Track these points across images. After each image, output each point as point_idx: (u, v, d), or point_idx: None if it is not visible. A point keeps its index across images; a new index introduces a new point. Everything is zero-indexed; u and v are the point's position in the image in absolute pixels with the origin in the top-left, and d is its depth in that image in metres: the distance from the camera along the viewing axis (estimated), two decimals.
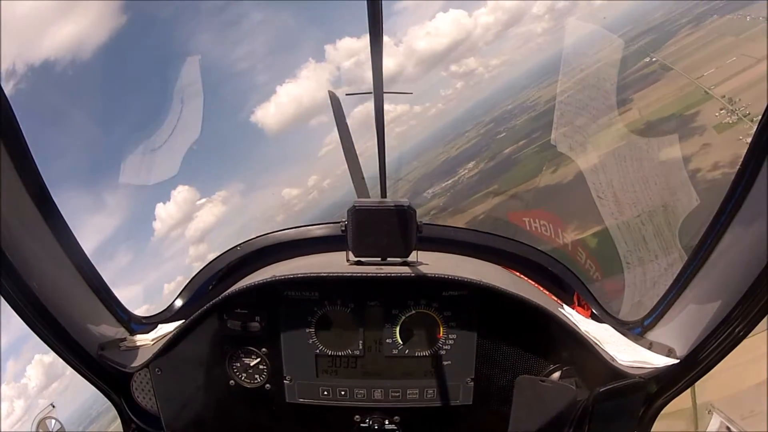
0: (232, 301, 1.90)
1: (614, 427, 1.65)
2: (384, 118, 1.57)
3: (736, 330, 1.48)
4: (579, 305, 2.21)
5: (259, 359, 1.98)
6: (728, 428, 1.80)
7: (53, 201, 1.71)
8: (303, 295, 1.92)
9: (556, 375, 1.82)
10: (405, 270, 1.85)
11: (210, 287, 2.42)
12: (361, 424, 2.00)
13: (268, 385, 2.00)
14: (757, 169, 1.41)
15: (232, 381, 2.01)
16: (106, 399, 2.03)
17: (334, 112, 3.01)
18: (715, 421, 1.84)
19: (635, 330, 1.98)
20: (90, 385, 1.95)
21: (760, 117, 1.37)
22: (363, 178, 2.60)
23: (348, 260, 1.91)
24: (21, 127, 1.51)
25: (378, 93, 1.44)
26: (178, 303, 2.39)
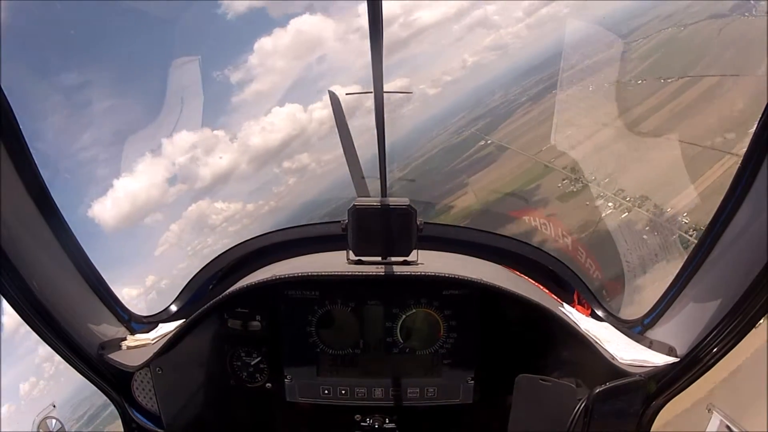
0: (233, 300, 1.90)
1: (614, 425, 1.65)
2: (384, 119, 1.57)
3: (736, 328, 1.48)
4: (579, 304, 2.21)
5: (259, 358, 1.98)
6: (728, 427, 1.80)
7: (53, 201, 1.71)
8: (303, 294, 1.92)
9: (556, 374, 1.82)
10: (405, 269, 1.86)
11: (210, 287, 2.42)
12: (362, 423, 2.00)
13: (268, 384, 2.01)
14: (756, 169, 1.41)
15: (232, 380, 2.01)
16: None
17: (333, 111, 3.01)
18: (714, 421, 1.84)
19: (635, 329, 1.98)
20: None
21: (760, 117, 1.37)
22: (363, 177, 2.60)
23: (348, 259, 1.91)
24: (21, 127, 1.51)
25: (378, 93, 1.44)
26: (179, 302, 2.39)
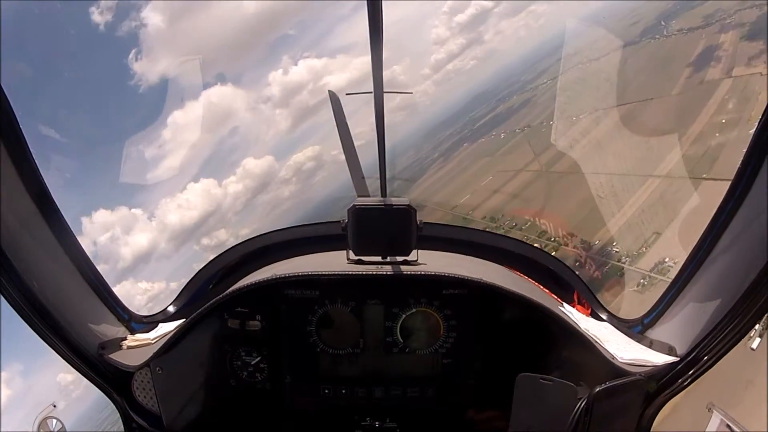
0: (233, 300, 1.90)
1: (614, 425, 1.64)
2: (384, 119, 1.57)
3: (737, 328, 1.48)
4: (579, 303, 2.21)
5: (259, 358, 1.98)
6: (729, 427, 1.79)
7: (53, 201, 1.71)
8: (303, 294, 1.92)
9: (557, 373, 1.82)
10: (405, 269, 1.86)
11: (210, 286, 2.42)
12: (362, 423, 2.00)
13: (268, 384, 2.01)
14: (757, 169, 1.41)
15: (232, 380, 2.01)
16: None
17: (333, 111, 3.01)
18: (715, 420, 1.84)
19: (635, 328, 1.98)
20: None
21: (760, 117, 1.37)
22: (363, 177, 2.60)
23: (348, 259, 1.92)
24: (21, 127, 1.51)
25: (378, 93, 1.44)
26: (179, 302, 2.39)
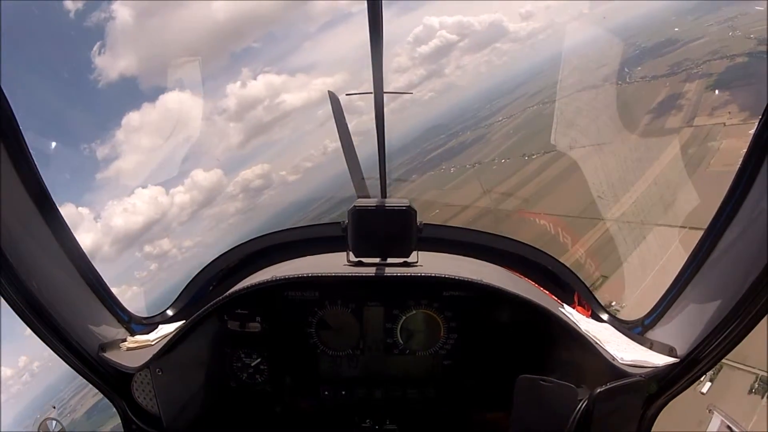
0: (233, 301, 1.90)
1: (615, 426, 1.64)
2: (384, 120, 1.57)
3: (737, 329, 1.48)
4: (579, 305, 2.21)
5: (259, 360, 1.98)
6: (729, 427, 1.80)
7: (53, 201, 1.71)
8: (303, 295, 1.92)
9: (557, 374, 1.82)
10: (405, 270, 1.85)
11: (210, 288, 2.42)
12: (362, 424, 2.00)
13: (268, 385, 2.00)
14: (757, 169, 1.41)
15: (232, 381, 2.00)
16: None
17: (333, 112, 3.00)
18: (715, 421, 1.84)
19: (635, 329, 1.98)
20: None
21: (760, 117, 1.37)
22: (363, 178, 2.60)
23: (348, 260, 1.91)
24: (21, 127, 1.51)
25: (378, 93, 1.44)
26: (179, 304, 2.38)
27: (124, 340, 2.03)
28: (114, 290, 2.03)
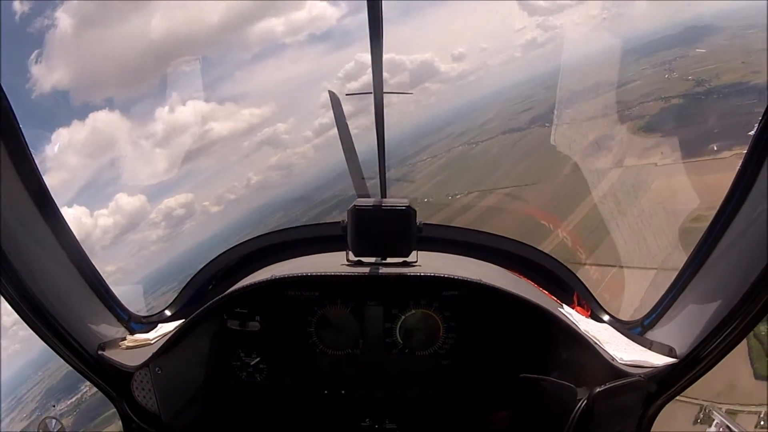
0: (232, 300, 1.90)
1: (614, 426, 1.64)
2: (384, 119, 1.58)
3: (737, 329, 1.48)
4: (579, 305, 2.21)
5: (259, 359, 1.98)
6: (728, 427, 1.80)
7: (53, 201, 1.71)
8: (303, 294, 1.92)
9: (556, 374, 1.82)
10: (405, 270, 1.85)
11: (210, 287, 2.42)
12: (361, 424, 2.00)
13: (268, 384, 2.00)
14: (757, 169, 1.41)
15: (232, 380, 2.01)
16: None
17: (333, 111, 3.01)
18: (715, 421, 1.84)
19: (635, 329, 1.98)
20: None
21: (760, 118, 1.37)
22: (363, 178, 2.60)
23: (348, 260, 1.91)
24: (21, 127, 1.51)
25: (378, 93, 1.44)
26: (179, 302, 2.39)
27: (124, 339, 2.04)
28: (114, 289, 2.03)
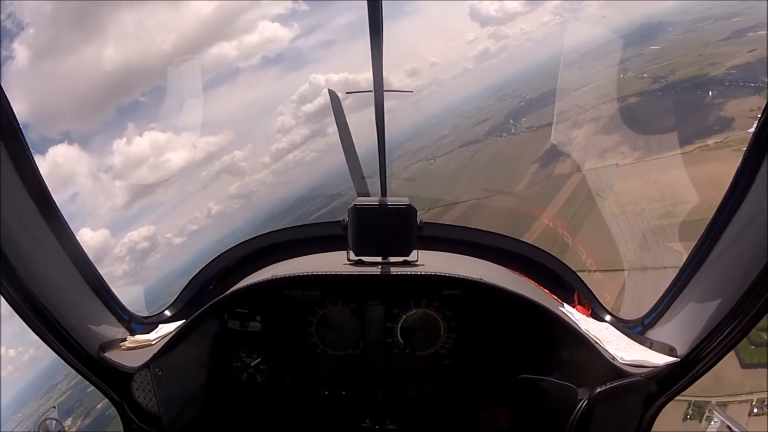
0: (233, 301, 1.90)
1: (615, 426, 1.64)
2: (384, 118, 1.57)
3: (737, 328, 1.48)
4: (579, 304, 2.21)
5: (259, 359, 1.98)
6: (729, 428, 1.80)
7: (53, 201, 1.71)
8: (303, 294, 1.92)
9: (557, 374, 1.82)
10: (405, 269, 1.85)
11: (210, 287, 2.42)
12: (362, 425, 2.00)
13: (268, 384, 2.00)
14: (756, 169, 1.41)
15: (232, 381, 2.00)
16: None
17: (333, 110, 3.00)
18: (715, 421, 1.84)
19: (635, 329, 1.98)
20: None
21: (760, 117, 1.37)
22: (363, 177, 2.60)
23: (348, 259, 1.91)
24: (21, 127, 1.51)
25: (378, 92, 1.44)
26: (179, 303, 2.39)
27: (125, 340, 2.03)
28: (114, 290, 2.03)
